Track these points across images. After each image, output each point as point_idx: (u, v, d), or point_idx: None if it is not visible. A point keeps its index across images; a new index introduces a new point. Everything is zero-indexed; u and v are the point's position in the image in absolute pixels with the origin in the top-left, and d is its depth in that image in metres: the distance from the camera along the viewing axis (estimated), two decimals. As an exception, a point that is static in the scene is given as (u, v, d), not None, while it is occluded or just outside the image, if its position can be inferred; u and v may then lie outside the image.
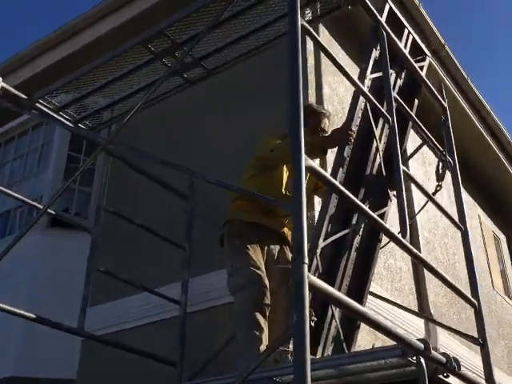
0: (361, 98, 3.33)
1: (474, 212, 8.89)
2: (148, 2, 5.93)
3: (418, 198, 6.64)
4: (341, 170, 3.17)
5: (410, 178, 2.94)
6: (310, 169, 2.02)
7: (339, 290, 3.16)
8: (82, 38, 6.36)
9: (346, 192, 2.24)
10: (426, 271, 6.21)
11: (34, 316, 3.38)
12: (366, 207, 2.38)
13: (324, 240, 3.08)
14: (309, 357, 1.66)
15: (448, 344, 6.45)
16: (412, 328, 5.34)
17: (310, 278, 1.81)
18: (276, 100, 3.95)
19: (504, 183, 9.36)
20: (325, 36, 5.82)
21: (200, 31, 3.04)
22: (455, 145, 8.28)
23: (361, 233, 3.31)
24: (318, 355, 2.97)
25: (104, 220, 5.73)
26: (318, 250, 3.02)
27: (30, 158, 6.52)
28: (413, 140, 5.41)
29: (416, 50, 3.84)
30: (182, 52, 3.32)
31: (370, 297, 4.33)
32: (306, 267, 1.80)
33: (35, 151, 6.48)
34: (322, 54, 5.57)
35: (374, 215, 2.41)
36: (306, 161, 1.99)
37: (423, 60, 3.84)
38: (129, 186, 5.65)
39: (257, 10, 3.17)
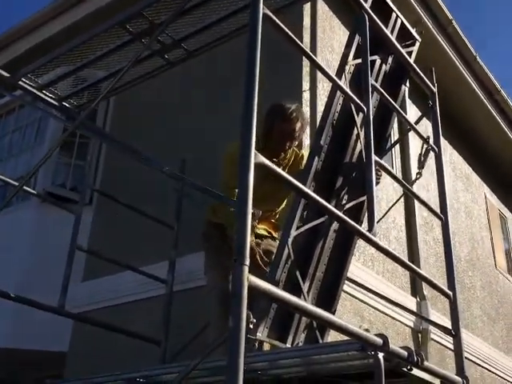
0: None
1: (480, 191, 8.78)
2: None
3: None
4: (317, 158, 3.12)
5: (383, 169, 2.88)
6: (260, 165, 1.99)
7: (313, 277, 3.15)
8: (63, 19, 6.40)
9: (307, 191, 2.21)
10: (421, 251, 6.17)
11: (13, 295, 3.42)
12: (332, 208, 2.34)
13: (297, 228, 3.05)
14: (242, 364, 1.65)
15: (475, 345, 6.49)
16: (402, 311, 5.32)
17: (251, 279, 1.79)
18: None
19: (513, 163, 9.24)
20: (324, 12, 5.70)
21: (174, 12, 2.97)
22: (465, 125, 8.17)
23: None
24: (288, 343, 2.98)
25: (99, 198, 5.80)
26: (290, 239, 2.99)
27: (28, 130, 6.54)
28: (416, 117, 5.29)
29: (406, 34, 3.73)
30: (159, 32, 3.27)
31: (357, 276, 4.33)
32: (246, 269, 1.78)
33: (34, 124, 6.50)
34: (319, 29, 5.47)
35: (339, 213, 2.38)
36: (256, 157, 1.95)
37: (413, 45, 3.73)
38: (123, 163, 5.66)
39: (234, -9, 3.10)
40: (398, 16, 3.57)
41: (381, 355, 2.35)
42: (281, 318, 2.98)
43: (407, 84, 3.82)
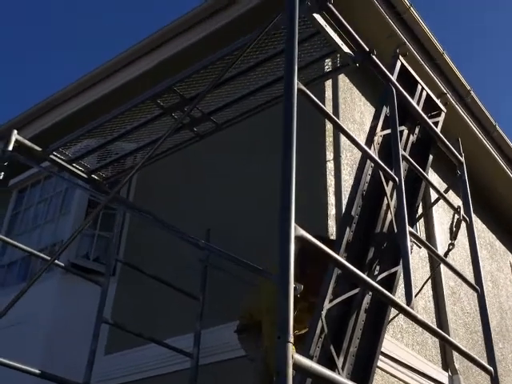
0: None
1: (505, 259, 8.63)
2: (160, 56, 6.17)
3: (443, 239, 6.49)
4: (348, 228, 3.09)
5: (417, 240, 2.84)
6: (300, 238, 1.96)
7: (347, 352, 3.06)
8: (94, 92, 6.61)
9: (347, 264, 2.17)
10: (450, 322, 6.01)
11: (38, 372, 3.35)
12: (368, 279, 2.29)
13: (330, 301, 2.98)
14: None
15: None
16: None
17: (295, 357, 1.73)
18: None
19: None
20: (345, 83, 5.81)
21: (205, 88, 3.04)
22: (490, 194, 8.10)
23: (370, 292, 3.20)
24: None
25: (122, 267, 5.77)
26: (324, 312, 2.92)
27: (53, 201, 6.61)
28: (439, 186, 5.28)
29: (431, 105, 3.77)
30: (192, 107, 3.33)
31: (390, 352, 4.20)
32: (290, 346, 1.73)
33: (59, 195, 6.58)
34: (341, 101, 5.55)
35: (377, 285, 2.33)
36: (295, 230, 1.93)
37: (439, 115, 3.76)
38: (146, 232, 5.67)
39: (265, 66, 3.17)
40: (423, 88, 3.61)
41: None
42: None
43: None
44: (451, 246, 3.48)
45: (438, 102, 3.75)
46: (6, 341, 5.18)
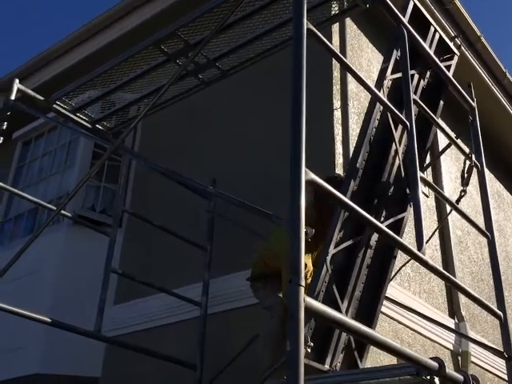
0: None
1: (514, 210, 8.61)
2: (162, 4, 6.00)
3: (450, 188, 6.46)
4: (352, 181, 3.04)
5: (429, 186, 2.79)
6: (311, 182, 1.92)
7: (351, 297, 3.06)
8: (96, 41, 6.47)
9: (353, 205, 2.12)
10: (457, 270, 6.02)
11: (49, 320, 3.38)
12: (374, 220, 2.25)
13: (335, 247, 2.97)
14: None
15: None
16: (441, 332, 5.17)
17: (307, 300, 1.72)
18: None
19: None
20: (352, 30, 5.66)
21: (210, 32, 2.95)
22: (496, 143, 8.01)
23: (376, 239, 3.18)
24: (327, 365, 2.88)
25: (128, 219, 5.77)
26: (329, 257, 2.92)
27: (58, 154, 6.56)
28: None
29: (444, 48, 3.66)
30: (197, 53, 3.24)
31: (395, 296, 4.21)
32: (302, 289, 1.71)
33: (63, 148, 6.53)
34: (348, 47, 5.42)
35: (385, 228, 2.30)
36: (306, 174, 1.89)
37: (451, 58, 3.65)
38: (152, 184, 5.64)
39: (270, 9, 3.07)
40: (436, 30, 3.50)
41: (437, 380, 2.25)
42: (319, 339, 2.89)
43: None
44: (463, 193, 3.44)
45: (450, 44, 3.64)
46: (16, 292, 5.23)
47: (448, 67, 3.58)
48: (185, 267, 4.99)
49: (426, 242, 2.76)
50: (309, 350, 1.73)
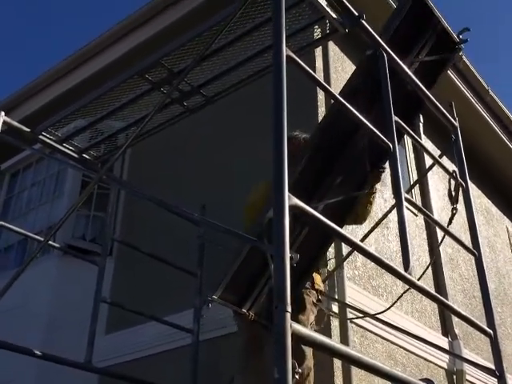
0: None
1: (501, 224, 8.65)
2: (146, 33, 6.08)
3: (439, 207, 6.48)
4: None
5: (414, 206, 2.81)
6: (294, 207, 1.94)
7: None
8: (81, 72, 6.53)
9: (336, 228, 2.13)
10: (448, 288, 6.03)
11: (39, 353, 3.34)
12: (354, 238, 2.26)
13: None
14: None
15: None
16: (435, 351, 5.15)
17: (294, 327, 1.71)
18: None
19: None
20: (335, 53, 5.74)
21: (193, 60, 2.98)
22: (485, 159, 8.07)
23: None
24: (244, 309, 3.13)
25: (119, 247, 5.75)
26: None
27: (46, 185, 6.56)
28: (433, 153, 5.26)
29: (448, 40, 3.67)
30: (180, 81, 3.27)
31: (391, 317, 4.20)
32: (288, 316, 1.70)
33: (52, 178, 6.53)
34: (332, 70, 5.49)
35: (365, 247, 2.31)
36: (289, 199, 1.90)
37: (454, 50, 3.67)
38: (141, 211, 5.64)
39: (252, 36, 3.10)
40: (439, 21, 3.51)
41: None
42: (240, 286, 3.09)
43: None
44: (455, 211, 3.44)
45: (454, 36, 3.65)
46: (5, 326, 5.17)
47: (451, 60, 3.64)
48: (176, 295, 4.97)
49: (421, 276, 2.77)
50: (297, 377, 1.71)
